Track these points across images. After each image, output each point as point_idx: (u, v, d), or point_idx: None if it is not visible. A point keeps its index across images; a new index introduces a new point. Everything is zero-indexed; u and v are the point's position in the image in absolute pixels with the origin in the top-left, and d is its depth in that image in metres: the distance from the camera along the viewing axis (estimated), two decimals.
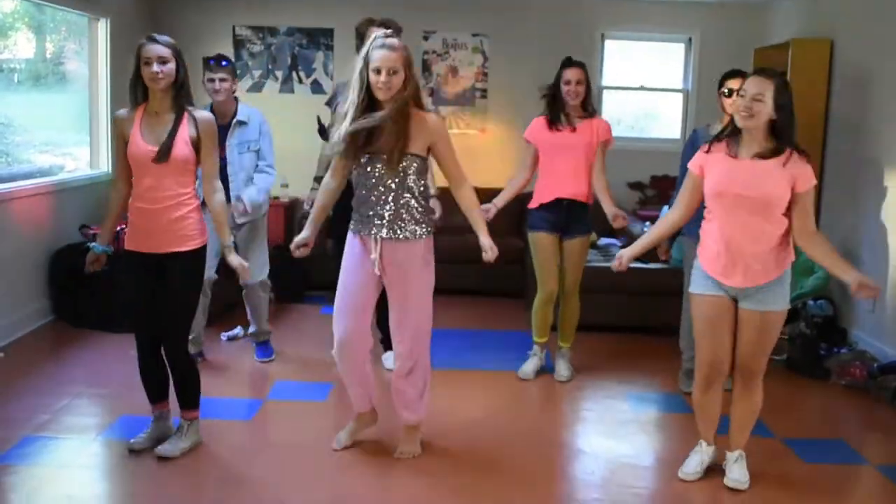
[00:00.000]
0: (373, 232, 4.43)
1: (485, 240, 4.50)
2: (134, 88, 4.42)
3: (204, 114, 4.52)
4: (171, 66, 4.35)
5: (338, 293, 4.59)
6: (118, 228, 4.82)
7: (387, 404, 4.94)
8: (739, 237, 4.18)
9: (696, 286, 4.39)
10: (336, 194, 4.65)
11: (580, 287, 6.11)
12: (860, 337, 6.81)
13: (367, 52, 4.27)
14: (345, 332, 4.55)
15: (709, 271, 4.31)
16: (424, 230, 4.47)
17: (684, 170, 5.07)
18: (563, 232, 5.97)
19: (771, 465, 4.72)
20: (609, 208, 5.80)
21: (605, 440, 5.15)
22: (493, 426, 5.23)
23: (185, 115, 4.42)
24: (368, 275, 4.50)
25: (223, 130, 6.00)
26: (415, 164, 4.37)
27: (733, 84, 5.42)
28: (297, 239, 4.56)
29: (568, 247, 6.00)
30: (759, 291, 4.23)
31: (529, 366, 6.21)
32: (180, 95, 4.41)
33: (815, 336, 6.54)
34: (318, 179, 6.05)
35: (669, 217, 4.54)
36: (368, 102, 4.30)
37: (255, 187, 6.05)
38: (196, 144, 4.42)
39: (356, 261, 4.53)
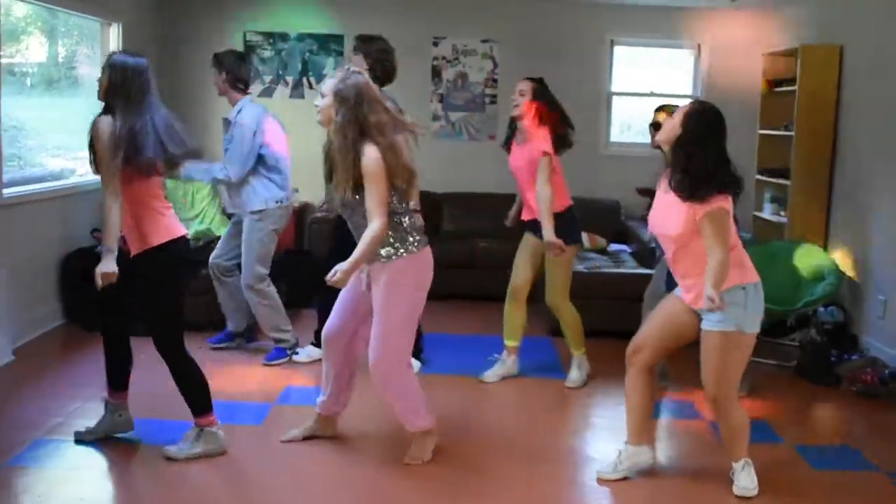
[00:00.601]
0: None
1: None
2: None
3: (99, 119, 4.41)
4: (103, 76, 4.42)
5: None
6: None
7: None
8: (674, 262, 4.41)
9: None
10: None
11: (583, 294, 6.14)
12: (871, 343, 6.79)
13: None
14: (328, 328, 4.75)
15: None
16: (394, 252, 4.50)
17: None
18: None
19: (781, 472, 4.72)
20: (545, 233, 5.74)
21: (615, 447, 5.13)
22: (501, 432, 5.23)
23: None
24: (357, 286, 4.68)
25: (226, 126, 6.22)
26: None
27: (657, 117, 5.58)
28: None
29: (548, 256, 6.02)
30: (703, 311, 4.27)
31: (494, 370, 6.23)
32: (107, 102, 4.41)
33: (825, 342, 6.53)
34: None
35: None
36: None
37: (198, 167, 6.06)
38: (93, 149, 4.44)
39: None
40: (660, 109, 5.84)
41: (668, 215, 4.25)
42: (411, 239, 4.53)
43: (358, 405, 5.11)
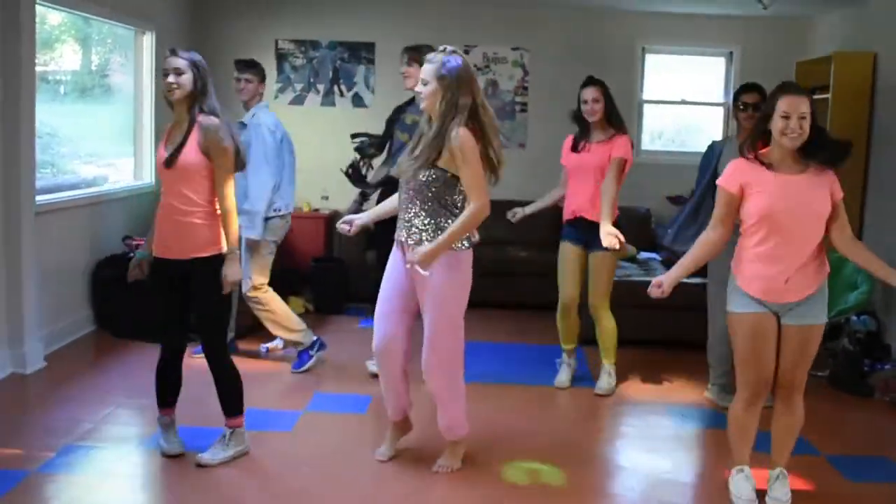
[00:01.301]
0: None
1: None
2: (166, 99, 4.55)
3: (209, 121, 4.52)
4: (186, 77, 4.44)
5: (378, 299, 4.67)
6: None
7: (425, 416, 4.95)
8: (790, 254, 4.14)
9: (737, 305, 4.29)
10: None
11: (612, 302, 6.12)
12: None
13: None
14: (382, 339, 4.62)
15: (752, 291, 4.22)
16: (458, 242, 4.45)
17: (706, 184, 5.07)
18: (588, 246, 6.00)
19: (815, 484, 4.67)
20: (603, 225, 5.67)
21: (646, 455, 5.12)
22: (531, 440, 5.21)
23: (196, 123, 4.48)
24: (401, 282, 4.59)
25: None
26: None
27: (748, 98, 5.44)
28: (347, 216, 4.64)
29: (592, 260, 6.03)
30: (800, 305, 4.19)
31: (563, 375, 6.27)
32: (195, 105, 4.49)
33: (858, 352, 6.47)
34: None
35: (709, 238, 4.34)
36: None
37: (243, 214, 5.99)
38: (206, 152, 4.47)
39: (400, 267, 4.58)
40: (748, 90, 5.67)
41: (813, 193, 4.12)
42: (468, 234, 4.48)
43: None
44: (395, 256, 4.63)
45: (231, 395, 4.69)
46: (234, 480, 4.50)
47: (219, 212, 4.52)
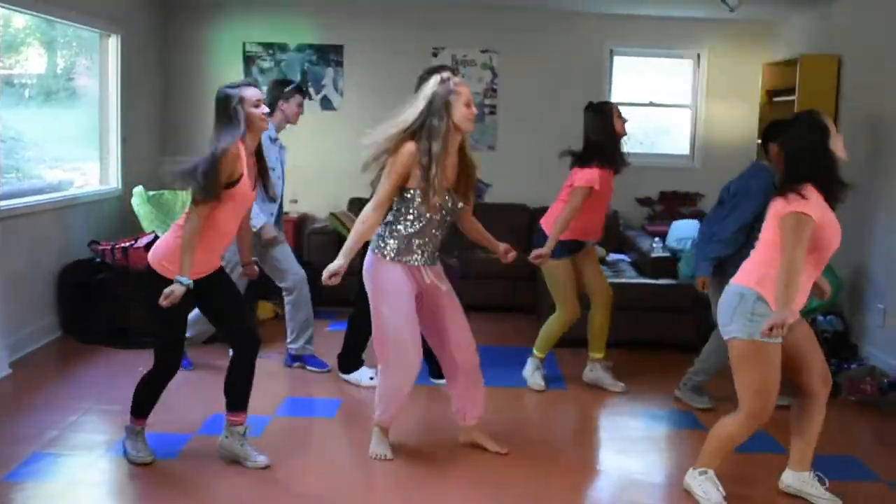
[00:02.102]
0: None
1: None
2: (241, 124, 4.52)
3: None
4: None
5: (396, 322, 4.68)
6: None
7: (403, 421, 4.96)
8: (813, 277, 4.34)
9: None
10: (375, 227, 4.70)
11: (580, 304, 6.23)
12: (871, 352, 6.78)
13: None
14: (417, 361, 4.77)
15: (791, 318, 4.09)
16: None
17: (753, 209, 5.09)
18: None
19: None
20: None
21: (617, 457, 5.14)
22: (503, 442, 5.20)
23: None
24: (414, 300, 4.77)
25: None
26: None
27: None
28: (331, 267, 4.52)
29: (590, 253, 6.19)
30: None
31: (538, 378, 6.27)
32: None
33: (825, 351, 6.49)
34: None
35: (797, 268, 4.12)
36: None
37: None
38: None
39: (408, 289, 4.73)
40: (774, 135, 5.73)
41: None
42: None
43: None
44: (399, 277, 4.67)
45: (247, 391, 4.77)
46: (203, 487, 4.47)
47: None
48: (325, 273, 4.47)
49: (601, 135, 5.98)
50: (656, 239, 8.12)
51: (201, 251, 4.41)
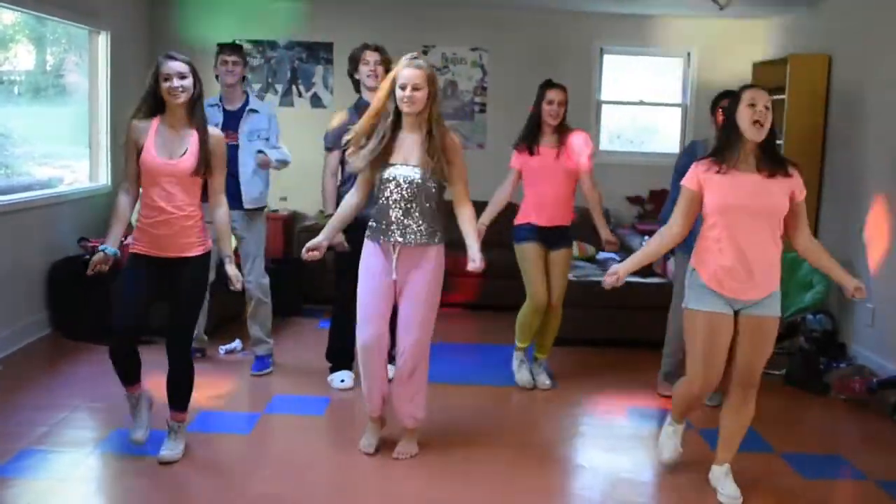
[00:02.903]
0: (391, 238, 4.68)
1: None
2: (148, 101, 4.52)
3: (215, 131, 4.69)
4: (189, 81, 4.48)
5: (360, 299, 4.75)
6: (122, 241, 4.84)
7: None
8: (751, 250, 4.22)
9: (696, 302, 4.35)
10: (357, 209, 4.83)
11: (570, 302, 6.26)
12: (859, 351, 6.80)
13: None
14: (370, 337, 4.74)
15: (717, 288, 4.28)
16: (441, 235, 4.76)
17: (679, 183, 5.10)
18: (549, 244, 6.10)
19: (769, 480, 4.72)
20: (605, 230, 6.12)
21: (604, 455, 5.14)
22: (489, 441, 5.21)
23: (204, 131, 4.58)
24: (385, 281, 4.73)
25: (234, 117, 6.24)
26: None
27: (726, 103, 5.46)
28: (311, 242, 4.72)
29: (555, 258, 6.09)
30: (767, 299, 4.28)
31: (524, 373, 6.27)
32: (194, 110, 4.54)
33: (814, 350, 6.54)
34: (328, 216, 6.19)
35: (668, 232, 4.46)
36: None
37: (278, 151, 6.34)
38: (207, 160, 4.56)
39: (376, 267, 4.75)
40: (727, 96, 5.73)
41: (768, 190, 4.21)
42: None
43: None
44: (373, 258, 4.73)
45: (186, 390, 4.73)
46: (193, 484, 4.48)
47: (207, 218, 4.71)
48: (304, 249, 4.69)
49: (530, 117, 6.19)
50: (646, 237, 8.12)
51: (141, 227, 4.54)
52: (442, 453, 4.95)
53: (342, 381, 6.03)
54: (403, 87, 4.52)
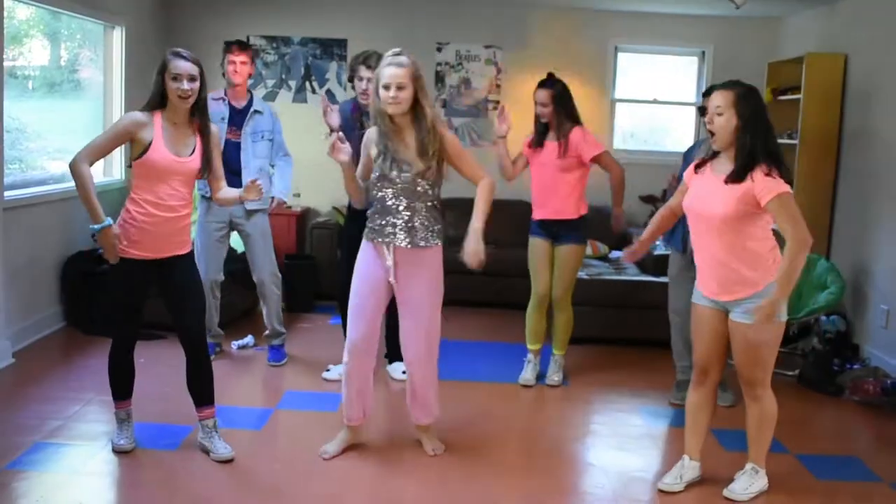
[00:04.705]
0: (387, 240, 4.58)
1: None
2: (156, 98, 4.49)
3: (213, 127, 4.70)
4: (198, 84, 4.48)
5: (352, 299, 4.71)
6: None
7: (391, 411, 4.93)
8: (703, 251, 4.32)
9: (693, 295, 4.51)
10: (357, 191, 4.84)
11: (584, 300, 6.20)
12: (873, 353, 6.78)
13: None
14: (359, 337, 4.68)
15: (697, 283, 4.45)
16: (439, 237, 4.67)
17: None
18: (555, 239, 6.12)
19: (784, 482, 4.69)
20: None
21: (616, 454, 5.13)
22: (501, 439, 5.22)
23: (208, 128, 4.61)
24: (381, 282, 4.67)
25: (239, 116, 6.25)
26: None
27: (705, 102, 5.45)
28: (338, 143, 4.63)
29: (559, 252, 6.11)
30: (743, 304, 4.24)
31: (528, 372, 6.28)
32: (199, 110, 4.54)
33: (827, 352, 6.51)
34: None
35: (667, 205, 4.70)
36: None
37: (280, 179, 6.42)
38: (209, 160, 4.62)
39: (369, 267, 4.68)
40: (707, 93, 5.71)
41: (714, 196, 4.19)
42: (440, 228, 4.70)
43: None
44: (368, 258, 4.69)
45: (212, 381, 4.76)
46: (205, 478, 4.48)
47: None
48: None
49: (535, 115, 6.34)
50: (659, 237, 8.10)
51: (139, 227, 4.47)
52: (453, 451, 4.95)
53: (337, 373, 5.96)
54: (387, 88, 4.39)
